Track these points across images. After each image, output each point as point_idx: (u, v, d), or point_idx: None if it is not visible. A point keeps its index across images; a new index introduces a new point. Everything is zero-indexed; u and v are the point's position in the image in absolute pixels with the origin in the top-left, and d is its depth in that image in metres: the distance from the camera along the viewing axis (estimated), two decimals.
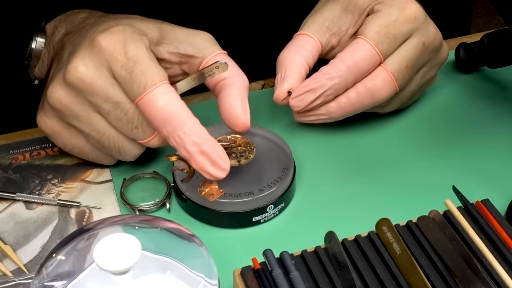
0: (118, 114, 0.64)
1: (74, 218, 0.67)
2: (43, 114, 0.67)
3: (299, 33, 0.73)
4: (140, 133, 0.65)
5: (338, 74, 0.69)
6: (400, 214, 0.62)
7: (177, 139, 0.62)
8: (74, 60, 0.63)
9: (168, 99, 0.62)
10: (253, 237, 0.66)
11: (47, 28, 0.72)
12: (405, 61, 0.70)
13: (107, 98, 0.63)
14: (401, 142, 0.75)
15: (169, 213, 0.68)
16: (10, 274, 0.62)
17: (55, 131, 0.67)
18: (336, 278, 0.56)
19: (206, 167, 0.62)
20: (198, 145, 0.62)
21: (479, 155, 0.73)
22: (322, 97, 0.70)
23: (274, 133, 0.71)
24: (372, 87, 0.70)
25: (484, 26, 1.78)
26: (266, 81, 0.81)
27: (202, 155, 0.62)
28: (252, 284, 0.55)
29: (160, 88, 0.62)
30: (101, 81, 0.63)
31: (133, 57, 0.62)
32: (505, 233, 0.58)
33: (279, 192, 0.67)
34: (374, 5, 0.72)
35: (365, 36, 0.70)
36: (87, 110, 0.64)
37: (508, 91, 0.81)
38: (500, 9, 0.68)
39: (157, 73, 0.63)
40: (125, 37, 0.63)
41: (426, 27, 0.71)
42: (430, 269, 0.57)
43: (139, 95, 0.62)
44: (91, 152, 0.68)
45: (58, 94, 0.64)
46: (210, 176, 0.62)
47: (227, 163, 0.63)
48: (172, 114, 0.62)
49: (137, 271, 0.51)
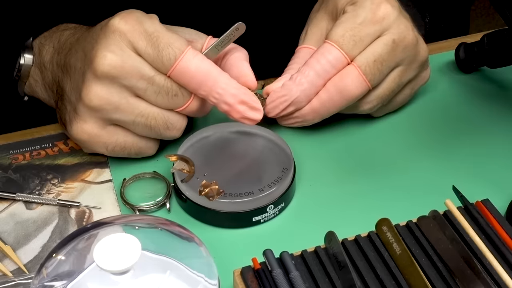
0: (155, 88, 0.66)
1: (74, 218, 0.67)
2: (79, 121, 0.67)
3: (302, 47, 0.76)
4: (180, 99, 0.67)
5: (307, 79, 0.70)
6: (400, 214, 0.62)
7: (217, 95, 0.66)
8: (99, 51, 0.64)
9: (198, 62, 0.66)
10: (253, 237, 0.66)
11: (34, 45, 0.73)
12: (373, 56, 0.70)
13: (141, 76, 0.65)
14: (401, 142, 0.75)
15: (169, 213, 0.68)
16: (10, 274, 0.62)
17: (95, 134, 0.67)
18: (336, 278, 0.56)
19: (247, 114, 0.67)
20: (236, 96, 0.66)
21: (479, 155, 0.73)
22: (295, 104, 0.71)
23: (274, 133, 0.71)
24: (341, 85, 0.70)
25: (484, 26, 1.77)
26: (266, 81, 0.81)
27: (241, 104, 0.67)
28: (252, 284, 0.55)
29: (188, 54, 0.65)
30: (132, 61, 0.65)
31: (154, 32, 0.65)
32: (505, 233, 0.58)
33: (279, 192, 0.67)
34: (347, 6, 0.73)
35: (331, 40, 0.70)
36: (126, 97, 0.66)
37: (508, 91, 0.81)
38: (500, 9, 0.68)
39: (180, 42, 0.66)
40: (138, 16, 0.66)
41: (397, 25, 0.71)
42: (430, 269, 0.57)
43: (171, 66, 0.65)
44: (134, 144, 0.69)
45: (94, 91, 0.65)
46: (251, 121, 0.67)
47: (260, 105, 0.68)
48: (206, 74, 0.66)
49: (137, 271, 0.51)
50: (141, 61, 0.65)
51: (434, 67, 0.79)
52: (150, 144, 0.70)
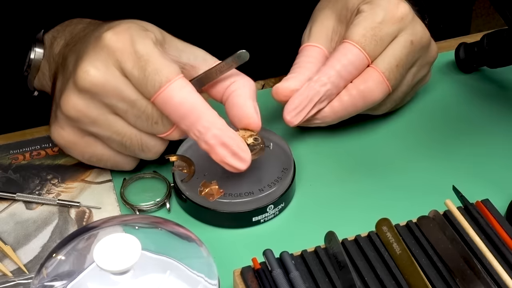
0: (136, 112, 0.63)
1: (74, 218, 0.67)
2: (57, 126, 0.65)
3: (308, 44, 0.73)
4: (160, 128, 0.64)
5: (329, 80, 0.69)
6: (400, 214, 0.62)
7: (197, 133, 0.62)
8: (83, 64, 0.62)
9: (185, 94, 0.62)
10: (253, 237, 0.66)
11: (45, 38, 0.72)
12: (395, 61, 0.70)
13: (122, 98, 0.62)
14: (401, 142, 0.75)
15: (169, 213, 0.68)
16: (10, 274, 0.62)
17: (71, 141, 0.66)
18: (336, 278, 0.56)
19: (227, 159, 0.62)
20: (218, 138, 0.62)
21: (479, 155, 0.73)
22: (317, 106, 0.69)
23: (274, 133, 0.71)
24: (365, 89, 0.70)
25: (484, 26, 1.78)
26: (266, 81, 0.81)
27: (222, 147, 0.62)
28: (252, 284, 0.55)
29: (175, 84, 0.62)
30: (114, 82, 0.62)
31: (144, 55, 0.62)
32: (505, 233, 0.58)
33: (279, 192, 0.67)
34: (361, 4, 0.71)
35: (351, 40, 0.69)
36: (104, 113, 0.63)
37: (508, 91, 0.81)
38: (500, 9, 0.68)
39: (170, 70, 0.62)
40: (132, 34, 0.62)
41: (413, 26, 0.71)
42: (430, 269, 0.57)
43: (155, 93, 0.62)
44: (111, 158, 0.67)
45: (72, 102, 0.63)
46: (232, 168, 0.62)
47: (248, 154, 0.63)
48: (190, 108, 0.62)
49: (137, 271, 0.51)
50: (125, 83, 0.62)
51: (434, 67, 0.79)
52: (127, 160, 0.68)
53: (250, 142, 0.66)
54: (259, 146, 0.66)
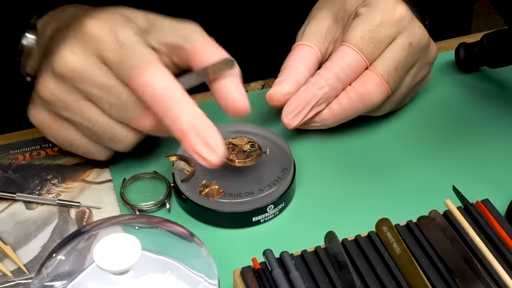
0: (111, 99, 0.63)
1: (74, 218, 0.67)
2: (33, 106, 0.66)
3: (300, 43, 0.73)
4: (133, 115, 0.63)
5: (327, 82, 0.69)
6: (400, 214, 0.62)
7: (172, 118, 0.60)
8: (62, 50, 0.62)
9: (162, 78, 0.61)
10: (253, 237, 0.66)
11: (38, 25, 0.72)
12: (394, 63, 0.70)
13: (98, 84, 0.62)
14: (401, 142, 0.75)
15: (169, 213, 0.68)
16: (10, 274, 0.62)
17: (45, 123, 0.66)
18: (336, 278, 0.56)
19: (198, 147, 0.59)
20: (192, 124, 0.59)
21: (479, 155, 0.73)
22: (315, 109, 0.70)
23: (274, 133, 0.71)
24: (364, 92, 0.70)
25: (484, 26, 1.77)
26: (266, 81, 0.81)
27: (195, 134, 0.59)
28: (252, 284, 0.55)
29: (152, 67, 0.61)
30: (92, 69, 0.62)
31: (125, 44, 0.61)
32: (505, 233, 0.58)
33: (279, 192, 0.67)
34: (359, 7, 0.71)
35: (349, 43, 0.69)
36: (77, 99, 0.64)
37: (508, 91, 0.81)
38: (500, 9, 0.68)
39: (148, 53, 0.61)
40: (114, 23, 0.62)
41: (411, 27, 0.71)
42: (430, 269, 0.57)
43: (131, 76, 0.61)
44: (82, 144, 0.67)
45: (48, 86, 0.63)
46: (203, 160, 0.59)
47: (222, 148, 0.60)
48: (166, 93, 0.60)
49: (137, 271, 0.51)
50: (103, 69, 0.62)
51: (434, 67, 0.79)
52: (99, 149, 0.68)
53: (247, 149, 0.67)
54: (256, 152, 0.67)
